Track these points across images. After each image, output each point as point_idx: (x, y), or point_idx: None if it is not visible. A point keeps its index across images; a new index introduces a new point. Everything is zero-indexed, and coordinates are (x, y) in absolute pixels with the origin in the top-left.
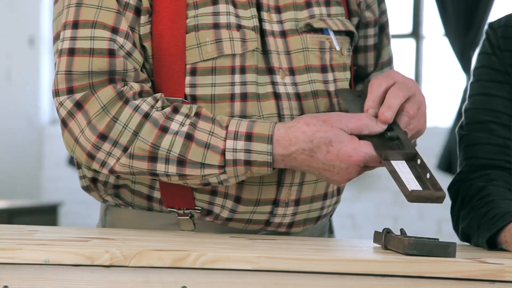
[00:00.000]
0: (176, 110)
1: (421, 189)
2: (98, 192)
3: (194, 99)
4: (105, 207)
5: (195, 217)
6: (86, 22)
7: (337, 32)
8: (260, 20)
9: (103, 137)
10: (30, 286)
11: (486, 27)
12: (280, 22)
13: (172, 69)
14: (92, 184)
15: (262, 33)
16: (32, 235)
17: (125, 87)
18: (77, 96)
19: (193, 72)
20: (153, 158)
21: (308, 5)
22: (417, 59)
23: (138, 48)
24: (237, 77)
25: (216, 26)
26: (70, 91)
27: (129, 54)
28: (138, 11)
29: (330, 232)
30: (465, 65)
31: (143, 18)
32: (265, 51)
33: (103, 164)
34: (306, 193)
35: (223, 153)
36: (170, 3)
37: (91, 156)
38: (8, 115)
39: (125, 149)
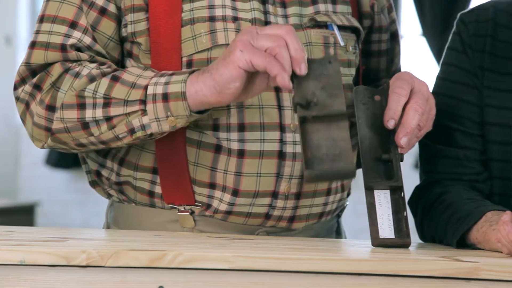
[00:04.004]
0: (115, 71)
1: (392, 230)
2: (102, 186)
3: None
4: (110, 203)
5: (196, 213)
6: (49, 17)
7: (341, 28)
8: (266, 12)
9: (50, 108)
10: (5, 287)
11: (457, 18)
12: (285, 16)
13: (169, 63)
14: (96, 177)
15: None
16: (8, 236)
17: (74, 63)
18: (34, 79)
19: (189, 65)
20: (81, 105)
21: (314, 2)
22: None
23: (101, 44)
24: None
25: (211, 19)
26: (34, 74)
27: (88, 48)
28: (103, 11)
29: (338, 233)
30: None
31: (137, 15)
32: None
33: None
34: (308, 187)
35: (145, 87)
36: None
37: (49, 130)
38: None
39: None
